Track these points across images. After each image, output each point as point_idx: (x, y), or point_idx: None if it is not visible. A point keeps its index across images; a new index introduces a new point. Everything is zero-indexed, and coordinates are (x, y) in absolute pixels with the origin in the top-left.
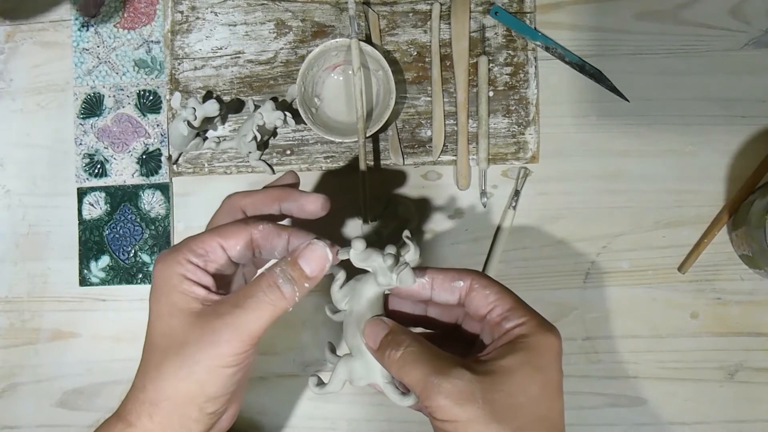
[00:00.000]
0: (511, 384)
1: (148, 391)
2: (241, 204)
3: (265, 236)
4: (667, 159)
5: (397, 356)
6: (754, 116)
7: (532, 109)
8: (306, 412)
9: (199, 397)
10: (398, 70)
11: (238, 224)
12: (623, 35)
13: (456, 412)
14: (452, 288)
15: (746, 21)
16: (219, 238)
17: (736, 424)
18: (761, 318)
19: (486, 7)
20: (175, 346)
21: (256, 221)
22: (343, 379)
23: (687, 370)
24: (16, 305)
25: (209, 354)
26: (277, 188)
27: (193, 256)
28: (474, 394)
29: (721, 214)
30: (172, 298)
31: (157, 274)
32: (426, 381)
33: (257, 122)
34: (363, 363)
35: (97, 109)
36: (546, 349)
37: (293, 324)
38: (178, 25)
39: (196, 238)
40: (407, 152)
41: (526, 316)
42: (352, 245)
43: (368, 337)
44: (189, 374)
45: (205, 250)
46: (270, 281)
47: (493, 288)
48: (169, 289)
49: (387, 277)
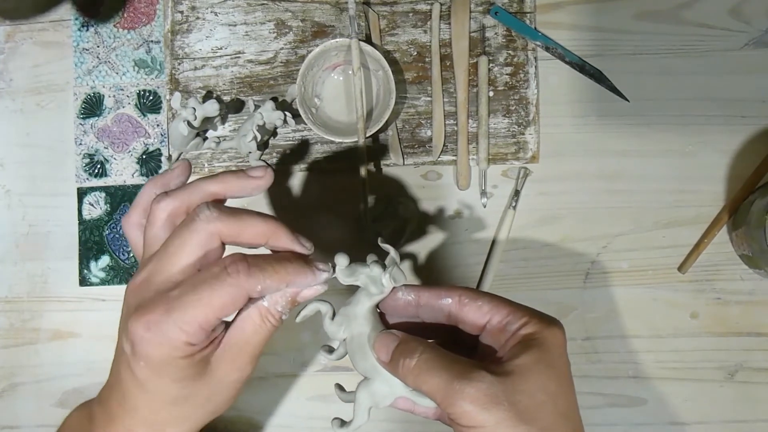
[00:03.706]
0: (530, 383)
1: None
2: (213, 231)
3: (262, 293)
4: (667, 159)
5: (412, 364)
6: (754, 116)
7: (532, 109)
8: (306, 412)
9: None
10: (398, 70)
11: (231, 290)
12: (623, 35)
13: (483, 417)
14: (440, 305)
15: (746, 21)
16: (216, 313)
17: (736, 424)
18: (761, 318)
19: (486, 7)
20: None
21: (249, 278)
22: (367, 407)
23: (687, 370)
24: (16, 305)
25: (232, 388)
26: (216, 182)
27: (194, 338)
28: (498, 397)
29: (721, 214)
30: (179, 375)
31: (152, 353)
32: (447, 387)
33: (257, 122)
34: (382, 381)
35: (97, 109)
36: (554, 344)
37: (293, 324)
38: (178, 25)
39: (189, 317)
40: (407, 152)
41: (526, 316)
42: (336, 262)
43: (379, 350)
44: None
45: (204, 330)
46: (276, 316)
47: (484, 299)
48: (173, 369)
49: (378, 285)
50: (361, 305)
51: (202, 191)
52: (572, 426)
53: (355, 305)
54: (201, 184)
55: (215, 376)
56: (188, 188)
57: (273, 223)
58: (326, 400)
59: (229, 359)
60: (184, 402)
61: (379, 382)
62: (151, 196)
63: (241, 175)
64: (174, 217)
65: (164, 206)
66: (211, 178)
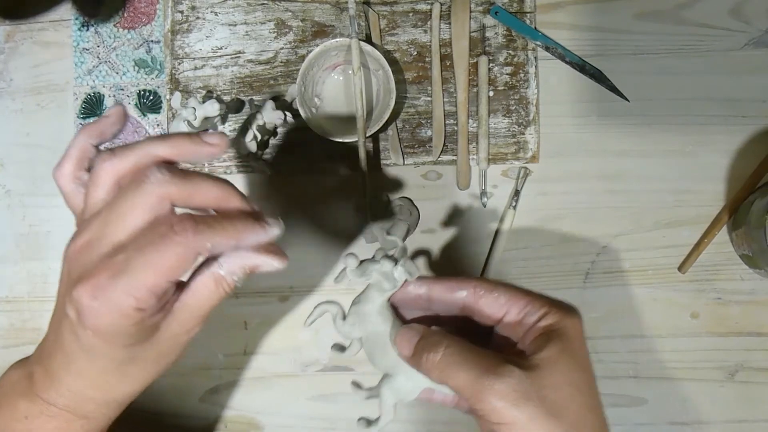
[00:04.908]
0: (556, 376)
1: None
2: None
3: (212, 251)
4: (667, 159)
5: (437, 359)
6: (754, 116)
7: (532, 109)
8: (306, 412)
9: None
10: (398, 69)
11: (180, 249)
12: (623, 35)
13: (514, 414)
14: (454, 299)
15: (746, 21)
16: (165, 276)
17: (736, 424)
18: (761, 318)
19: (486, 7)
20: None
21: (197, 236)
22: (392, 403)
23: (687, 370)
24: (16, 305)
25: (177, 349)
26: (168, 145)
27: (143, 304)
28: (528, 393)
29: (721, 214)
30: (128, 341)
31: (101, 324)
32: (475, 383)
33: (257, 122)
34: (405, 376)
35: (97, 108)
36: (575, 334)
37: (293, 324)
38: (178, 25)
39: (137, 282)
40: (407, 152)
41: (545, 306)
42: (346, 263)
43: (401, 346)
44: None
45: (156, 295)
46: (230, 282)
47: (500, 289)
48: (122, 336)
49: (390, 280)
50: (372, 302)
51: (153, 154)
52: (598, 417)
53: (367, 303)
54: (151, 146)
55: (163, 338)
56: (137, 149)
57: (225, 186)
58: (326, 400)
59: (179, 322)
60: (132, 363)
61: (403, 378)
62: (85, 145)
63: (195, 140)
64: (121, 180)
65: (110, 168)
66: (163, 139)
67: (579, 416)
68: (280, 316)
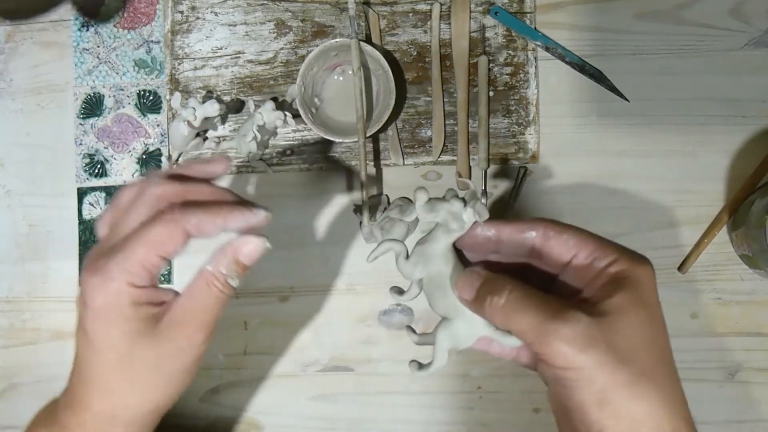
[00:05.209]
0: (626, 324)
1: (108, 410)
2: (161, 193)
3: (199, 229)
4: (667, 159)
5: (501, 303)
6: (754, 116)
7: (532, 109)
8: (306, 412)
9: (165, 399)
10: (398, 70)
11: (168, 225)
12: (623, 35)
13: (580, 359)
14: (523, 239)
15: (746, 21)
16: (155, 248)
17: (736, 424)
18: (761, 318)
19: (486, 7)
20: (142, 367)
21: (184, 213)
22: (447, 348)
23: (687, 370)
24: (16, 305)
25: (184, 360)
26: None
27: (137, 279)
28: (595, 338)
29: (721, 214)
30: (127, 327)
31: (98, 305)
32: (540, 327)
33: (257, 122)
34: (463, 321)
35: (97, 109)
36: (647, 283)
37: (293, 324)
38: (178, 25)
39: (130, 255)
40: (407, 152)
41: (616, 253)
42: (416, 198)
43: (462, 289)
44: (159, 387)
45: (146, 269)
46: (221, 280)
47: (570, 232)
48: (119, 318)
49: (459, 221)
50: (438, 243)
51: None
52: (669, 369)
53: (432, 243)
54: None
55: (163, 339)
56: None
57: (217, 185)
58: (326, 400)
59: (178, 323)
60: (132, 361)
61: (461, 323)
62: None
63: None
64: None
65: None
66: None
67: (649, 365)
68: (280, 316)
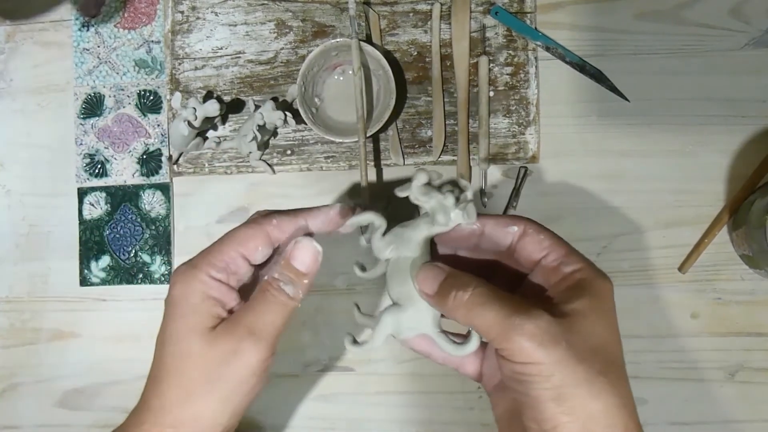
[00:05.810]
0: (585, 326)
1: (168, 414)
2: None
3: (281, 228)
4: (667, 159)
5: (465, 298)
6: (754, 116)
7: (533, 109)
8: (306, 412)
9: (223, 415)
10: (398, 70)
11: (251, 226)
12: (623, 35)
13: (540, 355)
14: (505, 233)
15: (746, 21)
16: (237, 245)
17: (736, 424)
18: (761, 318)
19: (486, 7)
20: (196, 367)
21: (267, 216)
22: (387, 333)
23: (687, 370)
24: (16, 305)
25: (234, 367)
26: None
27: (214, 271)
28: (556, 336)
29: (721, 214)
30: (192, 320)
31: (175, 293)
32: (504, 322)
33: (257, 122)
34: (413, 312)
35: (97, 109)
36: (607, 294)
37: (293, 324)
38: (179, 25)
39: (214, 250)
40: (407, 152)
41: (582, 263)
42: (415, 177)
43: (423, 282)
44: (213, 393)
45: (225, 262)
46: (274, 285)
47: (547, 233)
48: (188, 308)
49: (446, 215)
50: (418, 231)
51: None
52: (623, 374)
53: (413, 229)
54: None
55: (212, 343)
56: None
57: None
58: (326, 400)
59: (227, 329)
60: (204, 360)
61: (411, 313)
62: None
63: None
64: None
65: None
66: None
67: (604, 367)
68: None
